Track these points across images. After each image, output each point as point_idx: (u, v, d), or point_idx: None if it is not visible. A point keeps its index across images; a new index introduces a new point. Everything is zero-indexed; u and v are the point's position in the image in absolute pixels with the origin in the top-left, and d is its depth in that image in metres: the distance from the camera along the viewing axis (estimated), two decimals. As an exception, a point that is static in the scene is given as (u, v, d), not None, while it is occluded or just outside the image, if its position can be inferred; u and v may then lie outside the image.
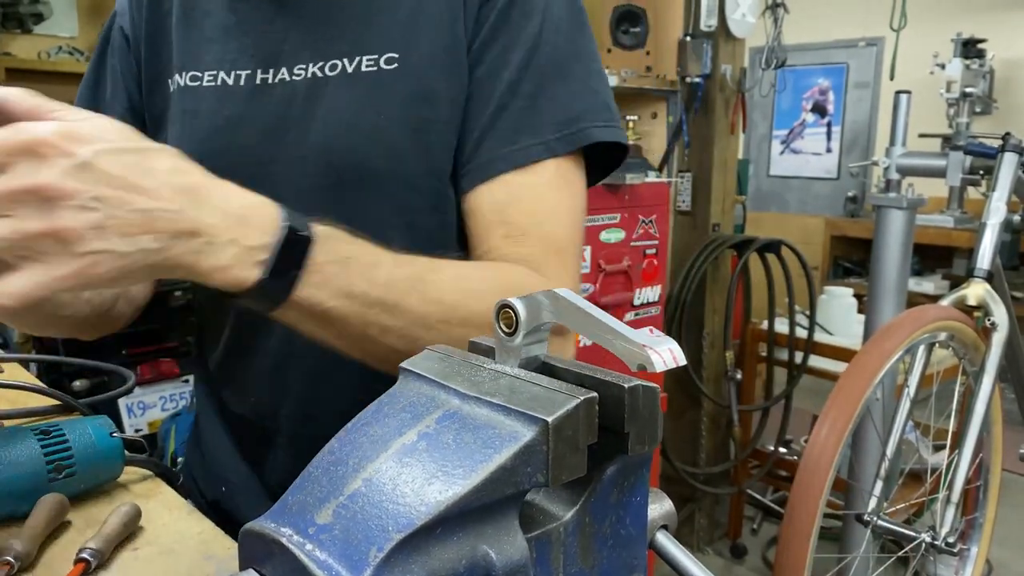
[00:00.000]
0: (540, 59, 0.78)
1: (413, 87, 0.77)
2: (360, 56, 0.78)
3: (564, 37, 0.80)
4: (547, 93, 0.78)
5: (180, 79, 0.83)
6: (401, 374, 0.53)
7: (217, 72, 0.82)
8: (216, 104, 0.81)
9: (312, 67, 0.79)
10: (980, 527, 1.73)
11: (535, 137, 0.77)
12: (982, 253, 1.64)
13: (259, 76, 0.80)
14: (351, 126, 0.77)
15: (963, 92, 3.54)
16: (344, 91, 0.78)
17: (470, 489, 0.41)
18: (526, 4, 0.79)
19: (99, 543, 0.61)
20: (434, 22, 0.78)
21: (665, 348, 0.45)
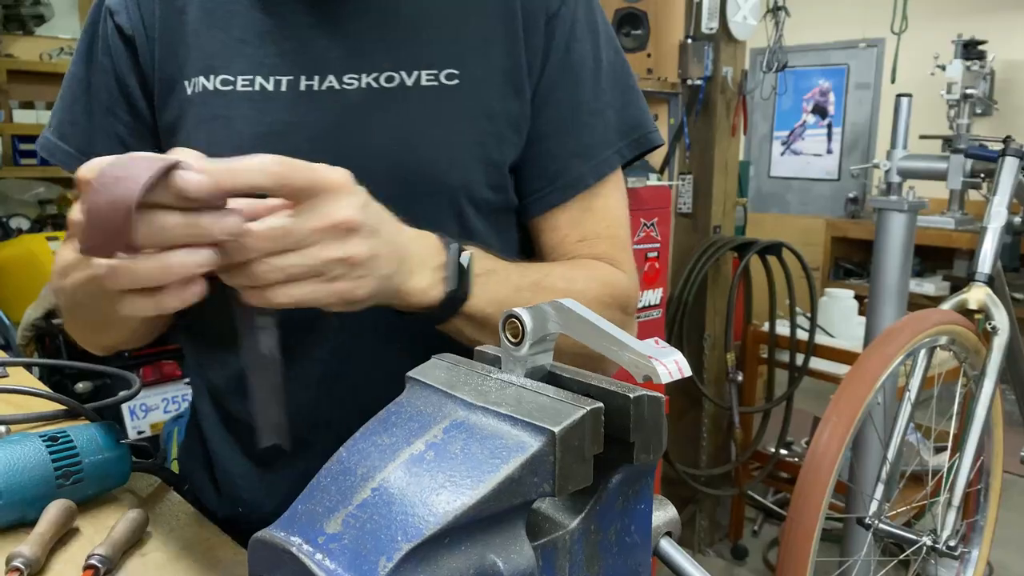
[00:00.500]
0: (602, 75, 0.84)
1: (474, 103, 0.79)
2: (419, 70, 0.78)
3: (613, 48, 0.86)
4: (613, 105, 0.84)
5: (207, 82, 0.78)
6: (408, 383, 0.53)
7: (253, 77, 0.78)
8: (254, 110, 0.78)
9: (366, 77, 0.77)
10: (981, 530, 1.73)
11: (608, 148, 0.84)
12: (983, 257, 1.64)
13: (303, 82, 0.78)
14: (417, 138, 0.77)
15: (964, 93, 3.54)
16: (406, 104, 0.77)
17: (478, 499, 0.42)
18: (585, 23, 0.84)
19: (107, 549, 0.62)
20: (490, 43, 0.80)
21: (671, 359, 0.45)
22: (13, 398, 0.94)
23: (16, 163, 3.82)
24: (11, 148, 3.82)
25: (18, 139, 3.84)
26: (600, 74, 0.84)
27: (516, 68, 0.80)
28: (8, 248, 3.21)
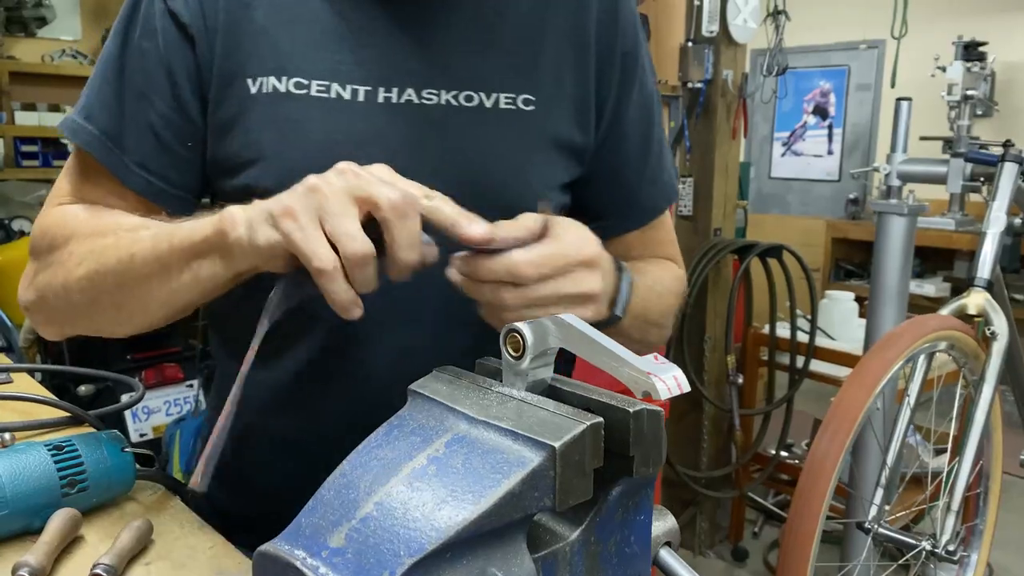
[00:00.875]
0: (657, 105, 0.91)
1: (547, 130, 0.80)
2: (498, 92, 0.78)
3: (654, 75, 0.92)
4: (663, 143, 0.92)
5: (277, 83, 0.76)
6: (410, 396, 0.54)
7: (329, 84, 0.76)
8: (328, 118, 0.75)
9: (445, 94, 0.77)
10: (980, 534, 1.74)
11: (670, 176, 0.92)
12: (982, 262, 1.64)
13: (381, 94, 0.76)
14: (492, 160, 0.78)
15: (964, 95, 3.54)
16: (484, 125, 0.78)
17: (479, 514, 0.42)
18: (647, 61, 0.89)
19: (113, 558, 0.63)
20: (563, 72, 0.81)
21: (669, 375, 0.46)
22: (17, 404, 0.95)
23: (18, 165, 3.83)
24: (13, 150, 3.83)
25: (20, 141, 3.85)
26: (658, 110, 0.91)
27: (584, 100, 0.83)
28: (10, 250, 3.22)
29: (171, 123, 0.77)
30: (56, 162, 3.87)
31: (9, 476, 0.67)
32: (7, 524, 0.67)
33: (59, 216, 0.80)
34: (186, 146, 0.79)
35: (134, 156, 0.78)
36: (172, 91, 0.77)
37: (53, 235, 0.78)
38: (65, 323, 0.81)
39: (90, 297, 0.74)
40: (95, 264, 0.72)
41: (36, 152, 3.84)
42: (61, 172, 0.84)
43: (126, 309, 0.74)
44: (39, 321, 0.82)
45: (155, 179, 0.78)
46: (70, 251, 0.75)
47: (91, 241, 0.74)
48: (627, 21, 0.85)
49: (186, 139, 0.78)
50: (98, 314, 0.76)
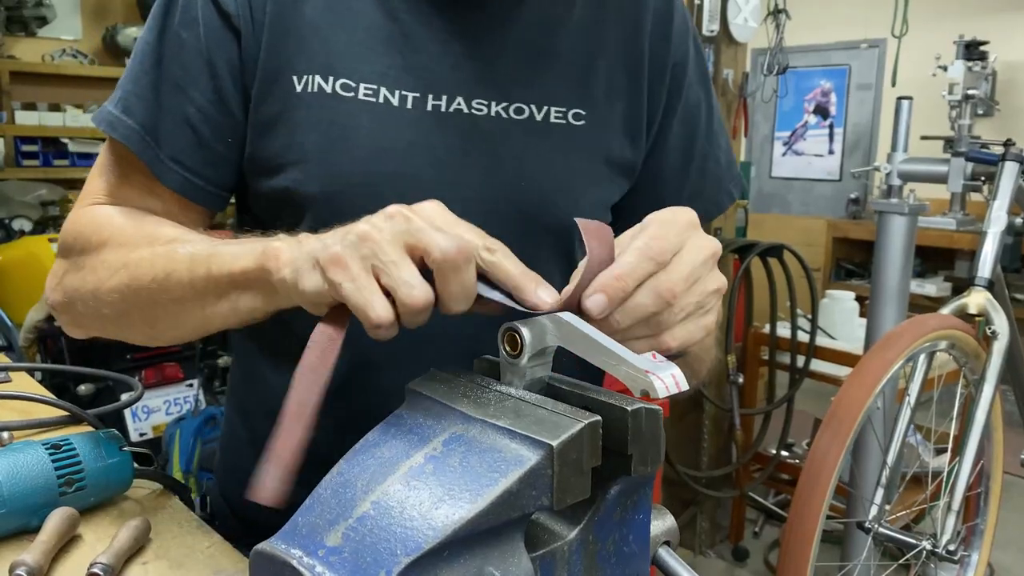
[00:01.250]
0: (713, 118, 0.88)
1: (596, 146, 0.79)
2: (548, 106, 0.76)
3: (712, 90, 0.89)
4: (723, 147, 0.89)
5: (324, 83, 0.73)
6: (408, 395, 0.53)
7: (378, 87, 0.73)
8: (376, 123, 0.73)
9: (495, 106, 0.75)
10: (981, 533, 1.74)
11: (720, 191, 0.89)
12: (983, 261, 1.64)
13: (431, 102, 0.74)
14: (540, 174, 0.76)
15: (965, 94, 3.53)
16: (534, 139, 0.76)
17: (476, 513, 0.42)
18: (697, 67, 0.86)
19: (110, 558, 0.62)
20: (615, 88, 0.80)
21: (667, 373, 0.46)
22: (16, 403, 0.94)
23: (18, 164, 3.83)
24: (13, 149, 3.83)
25: (20, 140, 3.85)
26: (712, 118, 0.87)
27: (636, 116, 0.81)
28: (10, 250, 3.22)
29: (209, 117, 0.74)
30: (56, 161, 3.88)
31: (6, 475, 0.67)
32: (4, 523, 0.67)
33: (92, 218, 0.77)
34: (225, 142, 0.76)
35: (170, 151, 0.74)
36: (212, 84, 0.74)
37: (86, 238, 0.75)
38: (92, 328, 0.79)
39: (121, 310, 0.71)
40: (128, 278, 0.69)
41: (36, 152, 3.85)
42: (93, 168, 0.81)
43: (158, 327, 0.71)
44: (66, 322, 0.80)
45: (191, 175, 0.75)
46: (102, 259, 0.72)
47: (125, 252, 0.71)
48: (679, 32, 0.83)
49: (225, 135, 0.75)
50: (128, 327, 0.74)
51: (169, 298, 0.66)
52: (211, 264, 0.62)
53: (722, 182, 0.89)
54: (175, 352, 2.78)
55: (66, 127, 3.93)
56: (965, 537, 1.68)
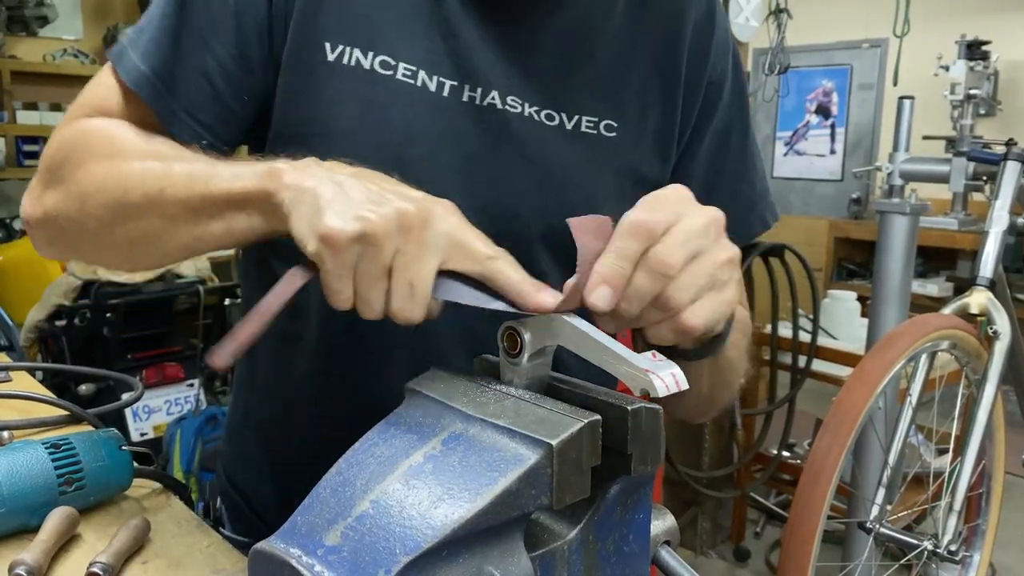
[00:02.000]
0: (748, 139, 0.85)
1: (626, 160, 0.76)
2: (580, 115, 0.74)
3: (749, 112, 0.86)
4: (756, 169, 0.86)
5: (362, 57, 0.70)
6: (407, 394, 0.53)
7: (417, 70, 0.71)
8: (412, 107, 0.71)
9: (528, 107, 0.73)
10: (982, 534, 1.73)
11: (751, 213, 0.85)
12: (984, 261, 1.64)
13: (467, 92, 0.72)
14: (568, 184, 0.74)
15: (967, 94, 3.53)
16: (564, 146, 0.74)
17: (476, 512, 0.42)
18: (734, 85, 0.82)
19: (109, 557, 0.62)
20: (649, 103, 0.77)
21: (667, 373, 0.46)
22: (16, 403, 0.94)
23: (20, 164, 3.84)
24: (15, 149, 3.84)
25: (21, 140, 3.86)
26: (746, 139, 0.84)
27: (668, 132, 0.79)
28: (11, 249, 3.22)
29: (229, 73, 0.71)
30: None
31: (6, 474, 0.67)
32: (4, 522, 0.67)
33: (80, 130, 0.72)
34: (241, 99, 0.72)
35: (185, 102, 0.70)
36: (236, 39, 0.70)
37: (72, 149, 0.71)
38: (68, 247, 0.76)
39: (105, 226, 0.67)
40: (117, 191, 0.65)
41: (37, 151, 3.85)
42: (93, 81, 0.75)
43: (141, 246, 0.67)
44: (40, 240, 0.75)
45: (202, 129, 0.71)
46: (90, 170, 0.67)
47: (115, 164, 0.66)
48: (719, 48, 0.81)
49: (242, 92, 0.72)
50: (109, 247, 0.70)
51: (160, 215, 0.62)
52: (209, 183, 0.59)
53: (754, 206, 0.85)
54: (176, 352, 2.78)
55: (67, 127, 3.92)
56: (967, 537, 1.67)
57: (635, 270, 0.51)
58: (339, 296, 0.52)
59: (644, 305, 0.51)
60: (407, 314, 0.52)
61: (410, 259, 0.51)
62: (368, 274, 0.51)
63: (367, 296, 0.51)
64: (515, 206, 0.73)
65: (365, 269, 0.51)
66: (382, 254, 0.50)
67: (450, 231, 0.52)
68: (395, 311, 0.52)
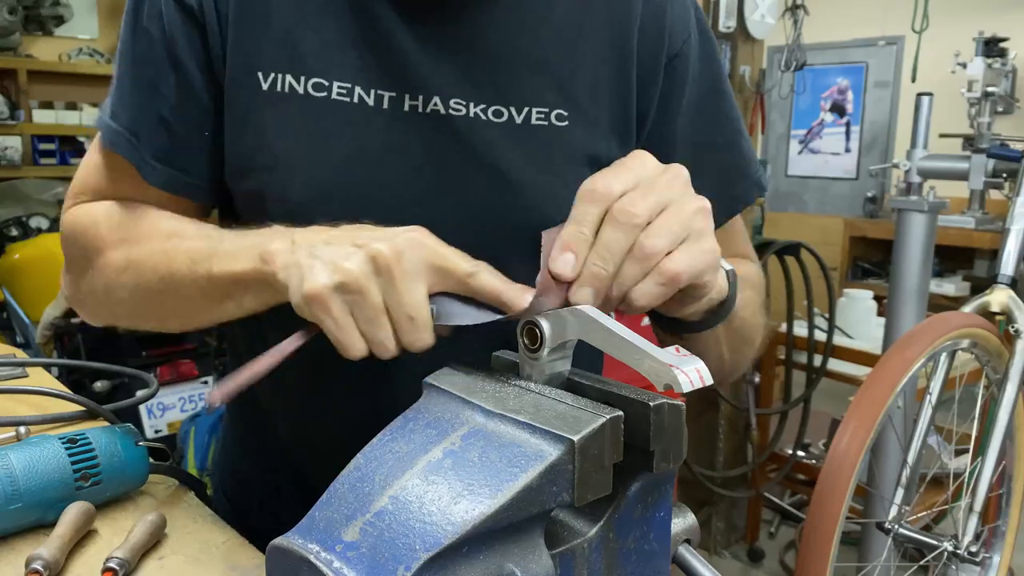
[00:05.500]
0: (726, 104, 0.82)
1: (581, 147, 0.75)
2: (529, 107, 0.73)
3: (724, 74, 0.83)
4: (741, 133, 0.83)
5: (295, 83, 0.70)
6: (425, 389, 0.53)
7: (352, 86, 0.70)
8: (350, 125, 0.70)
9: (473, 107, 0.71)
10: (1003, 535, 1.71)
11: (742, 180, 0.83)
12: (1006, 259, 1.62)
13: (407, 102, 0.71)
14: (525, 178, 0.72)
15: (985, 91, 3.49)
16: (515, 141, 0.72)
17: (496, 508, 0.41)
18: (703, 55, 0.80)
19: (126, 552, 0.62)
20: (601, 87, 0.75)
21: (692, 368, 0.45)
22: (32, 399, 0.95)
23: (35, 163, 3.86)
24: (31, 148, 3.86)
25: (38, 139, 3.88)
26: (723, 105, 0.82)
27: (625, 116, 0.77)
28: (27, 248, 3.24)
29: (182, 112, 0.72)
30: (73, 160, 3.91)
31: (23, 469, 0.67)
32: (21, 517, 0.67)
33: (90, 218, 0.76)
34: (201, 135, 0.73)
35: (151, 150, 0.73)
36: (178, 79, 0.71)
37: (85, 241, 0.75)
38: (108, 320, 0.81)
39: (132, 308, 0.74)
40: (136, 277, 0.70)
41: (53, 150, 3.88)
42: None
43: (171, 321, 0.74)
44: (85, 315, 0.82)
45: (174, 171, 0.73)
46: (108, 261, 0.72)
47: (128, 250, 0.71)
48: (677, 21, 0.78)
49: (202, 128, 0.73)
50: (143, 320, 0.77)
51: (176, 297, 0.67)
52: (211, 264, 0.63)
53: (746, 173, 0.83)
54: (190, 349, 2.79)
55: (83, 125, 3.96)
56: (986, 539, 1.65)
57: (605, 228, 0.52)
58: (351, 347, 0.55)
59: (617, 260, 0.51)
60: (418, 344, 0.55)
61: (398, 294, 0.54)
62: (367, 318, 0.54)
63: (375, 339, 0.55)
64: (472, 211, 0.72)
65: (362, 315, 0.54)
66: (370, 297, 0.54)
67: (425, 257, 0.55)
68: (407, 344, 0.55)
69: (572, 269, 0.52)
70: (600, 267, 0.51)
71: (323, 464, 0.78)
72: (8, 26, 3.78)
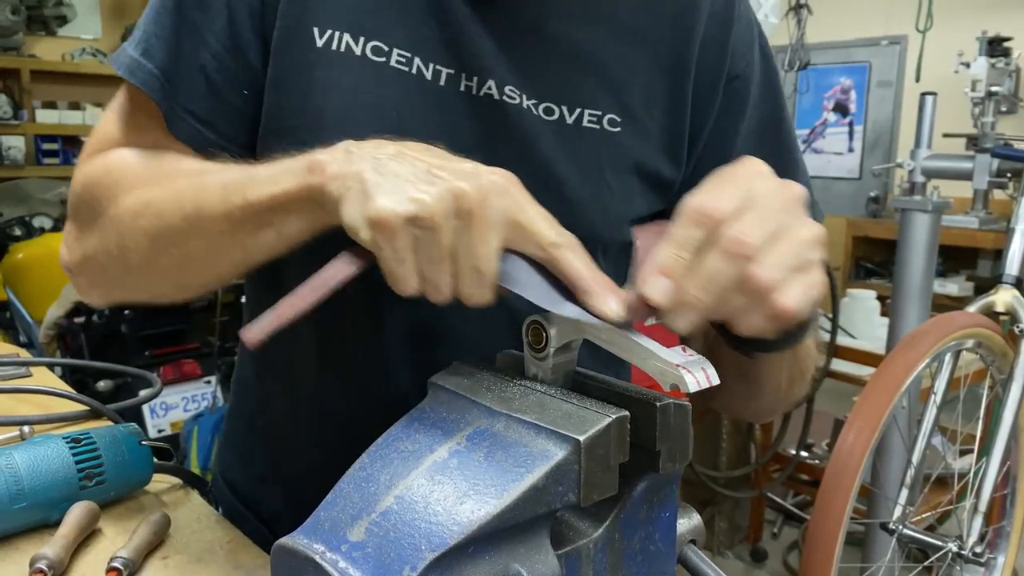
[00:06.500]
0: (784, 133, 0.80)
1: (630, 155, 0.73)
2: (582, 108, 0.71)
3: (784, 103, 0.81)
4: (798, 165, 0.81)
5: (352, 43, 0.66)
6: (431, 389, 0.53)
7: (412, 57, 0.67)
8: (407, 97, 0.67)
9: (526, 100, 0.69)
10: (1007, 536, 1.71)
11: None
12: (1010, 259, 1.61)
13: (463, 81, 0.68)
14: (570, 179, 0.71)
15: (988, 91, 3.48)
16: (564, 141, 0.70)
17: (502, 508, 0.41)
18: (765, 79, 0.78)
19: (130, 552, 0.62)
20: (655, 98, 0.74)
21: (699, 368, 0.45)
22: (36, 398, 0.95)
23: (39, 163, 3.87)
24: (34, 147, 3.87)
25: (40, 139, 3.89)
26: (782, 134, 0.80)
27: (677, 130, 0.75)
28: (31, 247, 3.25)
29: (224, 66, 0.68)
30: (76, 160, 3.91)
31: (27, 469, 0.67)
32: (25, 517, 0.67)
33: (103, 166, 0.70)
34: (241, 94, 0.69)
35: (184, 100, 0.67)
36: (229, 29, 0.67)
37: (96, 186, 0.69)
38: (114, 287, 0.72)
39: (149, 258, 0.64)
40: (155, 219, 0.62)
41: (56, 150, 3.88)
42: (106, 113, 0.74)
43: (191, 270, 0.64)
44: (83, 284, 0.74)
45: (203, 127, 0.68)
46: (123, 205, 0.65)
47: (147, 192, 0.64)
48: (741, 42, 0.76)
49: (241, 86, 0.68)
50: (157, 277, 0.67)
51: (204, 234, 0.60)
52: (247, 191, 0.56)
53: None
54: (193, 349, 2.80)
55: (86, 125, 3.97)
56: (991, 539, 1.65)
57: (709, 254, 0.46)
58: (405, 283, 0.49)
59: (722, 293, 0.46)
60: (476, 299, 0.49)
61: (472, 242, 0.48)
62: (431, 258, 0.48)
63: (434, 280, 0.49)
64: None
65: (426, 253, 0.48)
66: (440, 237, 0.47)
67: (509, 209, 0.49)
68: (465, 296, 0.49)
69: (663, 296, 0.46)
70: (700, 299, 0.46)
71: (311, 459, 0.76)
72: (11, 26, 3.79)
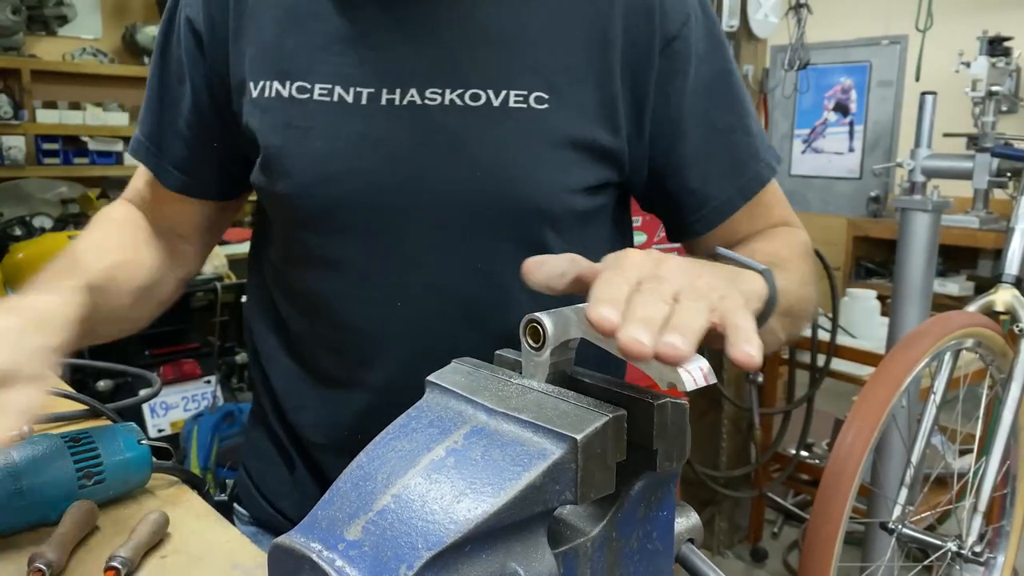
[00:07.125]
0: (734, 85, 0.81)
1: (562, 129, 0.74)
2: (508, 90, 0.73)
3: (730, 55, 0.83)
4: (750, 113, 0.83)
5: (281, 88, 0.75)
6: (428, 387, 0.53)
7: (332, 87, 0.74)
8: (331, 122, 0.74)
9: (449, 93, 0.73)
10: (1007, 535, 1.70)
11: (757, 161, 0.82)
12: (1010, 258, 1.61)
13: (384, 96, 0.74)
14: (501, 161, 0.73)
15: (989, 91, 3.48)
16: (491, 125, 0.73)
17: (499, 507, 0.41)
18: (707, 36, 0.79)
19: (129, 551, 0.62)
20: (580, 71, 0.75)
21: (696, 366, 0.45)
22: (36, 397, 0.95)
23: (39, 163, 3.86)
24: (34, 147, 3.87)
25: (41, 139, 3.88)
26: (731, 86, 0.81)
27: (610, 101, 0.76)
28: (31, 247, 3.25)
29: (194, 126, 0.83)
30: (77, 160, 3.91)
31: (26, 468, 0.67)
32: (24, 515, 0.67)
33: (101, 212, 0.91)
34: (211, 147, 0.84)
35: (170, 159, 0.85)
36: (192, 98, 0.82)
37: None
38: None
39: None
40: None
41: (57, 150, 3.88)
42: None
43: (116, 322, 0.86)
44: None
45: (188, 178, 0.86)
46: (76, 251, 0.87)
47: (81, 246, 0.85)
48: (671, 4, 0.77)
49: (210, 140, 0.84)
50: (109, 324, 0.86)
51: None
52: None
53: (758, 152, 0.82)
54: (193, 349, 2.80)
55: (86, 125, 3.96)
56: (991, 539, 1.65)
57: None
58: None
59: None
60: None
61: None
62: None
63: None
64: (451, 195, 0.73)
65: None
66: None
67: None
68: None
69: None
70: None
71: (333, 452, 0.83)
72: (11, 26, 3.79)
